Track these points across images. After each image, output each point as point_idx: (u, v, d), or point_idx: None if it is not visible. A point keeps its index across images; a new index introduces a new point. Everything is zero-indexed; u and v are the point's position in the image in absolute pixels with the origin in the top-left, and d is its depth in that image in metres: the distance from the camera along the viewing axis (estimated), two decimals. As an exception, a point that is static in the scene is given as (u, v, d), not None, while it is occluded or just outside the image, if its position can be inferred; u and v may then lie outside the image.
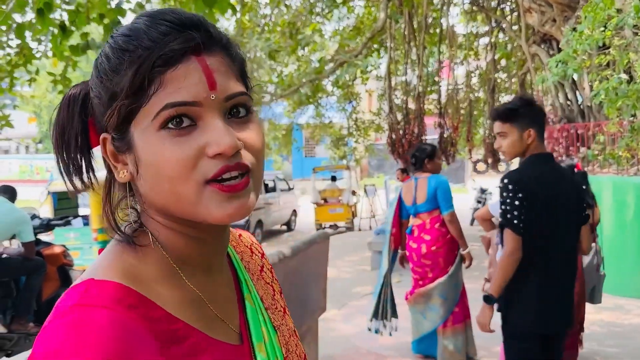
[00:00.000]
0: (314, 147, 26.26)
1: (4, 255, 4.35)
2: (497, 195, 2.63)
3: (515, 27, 9.90)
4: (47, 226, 4.90)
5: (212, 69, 0.61)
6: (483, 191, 12.83)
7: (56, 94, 6.91)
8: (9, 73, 6.33)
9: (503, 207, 2.37)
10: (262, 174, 0.67)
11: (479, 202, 12.70)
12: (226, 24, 8.58)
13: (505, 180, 2.39)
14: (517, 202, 2.32)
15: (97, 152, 0.69)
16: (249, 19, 7.80)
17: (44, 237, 8.60)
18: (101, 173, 0.70)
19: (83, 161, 0.68)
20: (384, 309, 4.28)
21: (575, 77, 7.11)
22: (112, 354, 0.53)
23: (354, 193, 13.72)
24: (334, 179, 13.80)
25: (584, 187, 3.10)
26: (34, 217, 4.90)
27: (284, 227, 13.90)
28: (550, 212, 2.35)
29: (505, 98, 13.10)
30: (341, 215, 12.90)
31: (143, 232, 0.67)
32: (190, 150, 0.59)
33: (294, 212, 14.08)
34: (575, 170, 3.46)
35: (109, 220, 0.67)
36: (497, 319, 2.47)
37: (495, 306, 2.47)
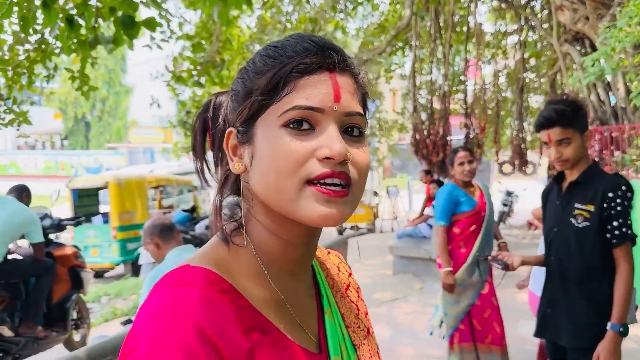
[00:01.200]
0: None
1: (13, 256, 4.25)
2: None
3: (545, 25, 9.53)
4: (58, 226, 4.79)
5: (340, 86, 0.69)
6: (509, 194, 12.48)
7: (76, 91, 6.82)
8: (28, 69, 6.27)
9: (621, 220, 2.10)
10: (362, 193, 0.71)
11: (505, 204, 12.36)
12: (247, 20, 8.42)
13: (624, 188, 2.12)
14: (631, 213, 2.10)
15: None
16: (270, 16, 7.64)
17: (65, 234, 8.62)
18: None
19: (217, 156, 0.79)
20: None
21: (608, 77, 6.77)
22: (204, 323, 0.60)
23: (375, 194, 13.49)
24: (355, 179, 13.55)
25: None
26: (45, 216, 4.80)
27: (305, 227, 13.73)
28: None
29: (534, 98, 12.71)
30: (362, 217, 12.67)
31: (240, 232, 0.73)
32: (303, 149, 0.65)
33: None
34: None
35: (216, 216, 0.74)
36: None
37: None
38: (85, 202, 9.43)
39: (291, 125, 0.66)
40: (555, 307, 2.31)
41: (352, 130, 0.70)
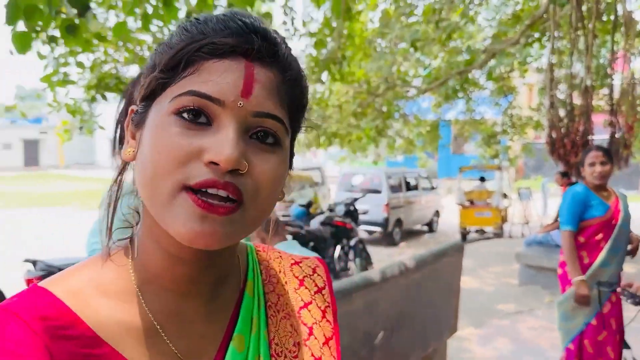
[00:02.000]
0: (462, 144, 24.98)
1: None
2: None
3: None
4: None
5: (255, 79, 0.56)
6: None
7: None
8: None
9: None
10: (263, 214, 0.58)
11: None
12: (371, 14, 8.29)
13: None
14: None
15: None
16: (394, 9, 7.42)
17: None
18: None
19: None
20: None
21: None
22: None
23: (505, 196, 12.65)
24: (482, 179, 12.83)
25: None
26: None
27: (425, 228, 13.32)
28: None
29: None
30: (489, 220, 11.94)
31: (130, 245, 0.64)
32: (188, 146, 0.53)
33: (437, 213, 13.42)
34: None
35: (106, 224, 0.63)
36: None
37: None
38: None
39: (184, 115, 0.54)
40: None
41: (265, 136, 0.57)
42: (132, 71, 7.29)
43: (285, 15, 7.12)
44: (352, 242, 6.78)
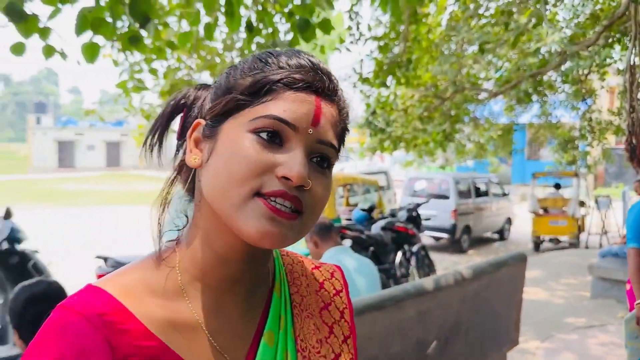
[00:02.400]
0: (537, 149, 23.94)
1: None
2: None
3: None
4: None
5: (322, 112, 0.66)
6: None
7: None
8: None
9: None
10: (312, 225, 0.68)
11: None
12: (440, 17, 8.15)
13: None
14: None
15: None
16: (462, 11, 7.26)
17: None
18: None
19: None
20: None
21: None
22: (66, 353, 0.59)
23: (582, 204, 12.01)
24: (557, 186, 12.26)
25: None
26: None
27: (496, 236, 12.89)
28: None
29: None
30: (564, 229, 11.38)
31: (179, 241, 0.72)
32: (264, 160, 0.63)
33: (508, 220, 12.96)
34: None
35: (157, 226, 0.71)
36: None
37: None
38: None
39: (262, 134, 0.64)
40: None
41: (322, 160, 0.67)
42: (204, 77, 7.57)
43: (350, 20, 7.15)
44: (415, 249, 6.69)
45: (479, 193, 12.06)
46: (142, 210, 15.95)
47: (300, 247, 4.17)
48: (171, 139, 0.78)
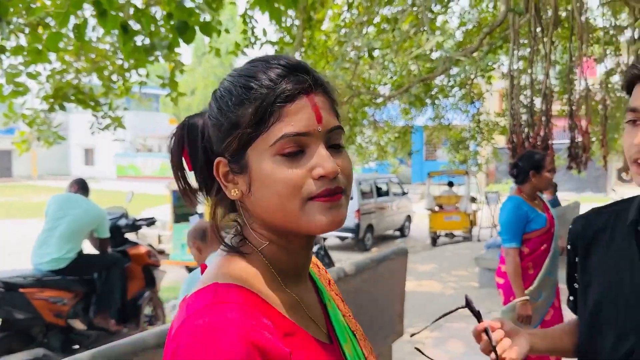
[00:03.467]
0: (434, 150, 25.24)
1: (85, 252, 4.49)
2: None
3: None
4: (133, 226, 5.03)
5: (319, 106, 0.74)
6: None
7: (166, 97, 7.13)
8: (122, 76, 6.70)
9: None
10: (350, 194, 0.79)
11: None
12: (330, 25, 8.36)
13: None
14: None
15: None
16: (353, 18, 7.50)
17: (166, 232, 9.09)
18: None
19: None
20: None
21: None
22: (254, 337, 0.64)
23: (473, 200, 12.82)
24: (450, 184, 13.00)
25: None
26: (121, 216, 5.05)
27: (397, 233, 13.42)
28: None
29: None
30: (458, 224, 12.09)
31: (245, 244, 0.79)
32: (300, 173, 0.72)
33: (408, 218, 13.54)
34: None
35: (215, 234, 0.81)
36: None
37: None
38: (184, 203, 9.88)
39: (286, 154, 0.72)
40: None
41: (337, 142, 0.77)
42: (92, 80, 7.21)
43: (245, 25, 7.14)
44: (314, 249, 6.81)
45: (380, 193, 12.50)
46: (33, 224, 14.89)
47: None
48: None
